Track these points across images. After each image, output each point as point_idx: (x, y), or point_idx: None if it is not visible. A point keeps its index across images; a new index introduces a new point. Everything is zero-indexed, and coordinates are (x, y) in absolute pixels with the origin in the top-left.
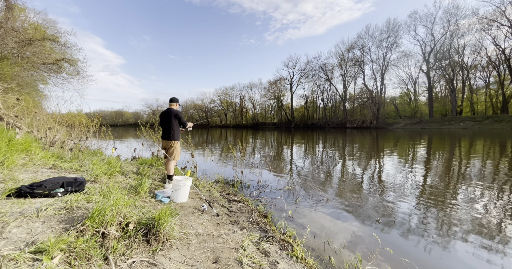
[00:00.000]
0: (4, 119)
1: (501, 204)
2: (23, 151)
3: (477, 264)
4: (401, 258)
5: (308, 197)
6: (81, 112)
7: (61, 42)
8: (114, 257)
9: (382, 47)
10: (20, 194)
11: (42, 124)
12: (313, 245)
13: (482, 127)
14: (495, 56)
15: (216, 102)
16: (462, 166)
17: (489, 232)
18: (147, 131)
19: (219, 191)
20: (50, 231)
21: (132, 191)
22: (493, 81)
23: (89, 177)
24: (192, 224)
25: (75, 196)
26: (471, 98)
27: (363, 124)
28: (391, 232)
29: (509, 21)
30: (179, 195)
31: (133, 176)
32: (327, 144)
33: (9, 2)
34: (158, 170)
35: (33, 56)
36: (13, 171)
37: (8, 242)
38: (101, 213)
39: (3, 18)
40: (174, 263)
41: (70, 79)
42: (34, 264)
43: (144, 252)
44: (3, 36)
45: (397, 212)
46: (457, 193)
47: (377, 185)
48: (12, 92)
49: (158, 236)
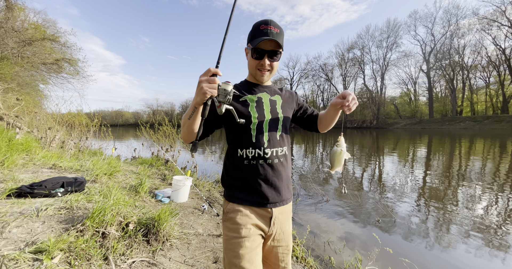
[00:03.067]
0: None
1: (501, 204)
2: (23, 151)
3: (477, 264)
4: (401, 258)
5: (308, 197)
6: (81, 112)
7: (61, 42)
8: (114, 257)
9: (382, 47)
10: (20, 194)
11: (42, 124)
12: (313, 245)
13: (482, 127)
14: (495, 56)
15: None
16: (462, 167)
17: (489, 232)
18: (147, 131)
19: (219, 191)
20: (50, 231)
21: (132, 191)
22: (493, 81)
23: (89, 177)
24: (192, 224)
25: (75, 196)
26: (471, 98)
27: (363, 124)
28: (391, 232)
29: (509, 21)
30: (179, 195)
31: (133, 176)
32: (327, 144)
33: (9, 2)
34: (158, 170)
35: (33, 56)
36: (13, 171)
37: (8, 242)
38: (101, 213)
39: (3, 18)
40: (174, 263)
41: (70, 79)
42: (34, 264)
43: (144, 252)
44: (3, 36)
45: (397, 212)
46: (457, 193)
47: (377, 185)
48: (12, 92)
49: (158, 236)
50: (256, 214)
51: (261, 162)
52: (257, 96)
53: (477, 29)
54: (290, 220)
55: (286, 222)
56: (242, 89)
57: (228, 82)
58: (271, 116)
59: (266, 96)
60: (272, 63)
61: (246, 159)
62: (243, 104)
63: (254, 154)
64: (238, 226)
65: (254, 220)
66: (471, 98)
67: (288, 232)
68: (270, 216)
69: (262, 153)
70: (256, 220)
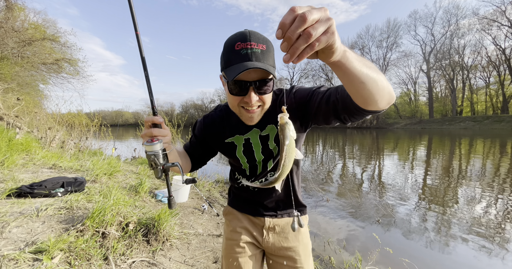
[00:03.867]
0: (4, 119)
1: (501, 204)
2: (23, 151)
3: (477, 263)
4: (401, 258)
5: (308, 197)
6: (81, 112)
7: (61, 42)
8: (114, 257)
9: (382, 47)
10: (20, 194)
11: (42, 124)
12: (313, 245)
13: (482, 127)
14: (495, 56)
15: (216, 102)
16: (462, 167)
17: (489, 232)
18: None
19: (219, 191)
20: (50, 231)
21: (132, 191)
22: (493, 81)
23: (89, 177)
24: (192, 224)
25: (75, 196)
26: (471, 98)
27: (363, 124)
28: (391, 232)
29: (509, 21)
30: (179, 195)
31: (133, 176)
32: (327, 144)
33: (9, 2)
34: None
35: (33, 56)
36: (13, 171)
37: (8, 242)
38: (101, 213)
39: (3, 18)
40: (174, 263)
41: (70, 79)
42: (34, 264)
43: (144, 252)
44: (3, 36)
45: (397, 212)
46: (457, 193)
47: (377, 185)
48: (12, 92)
49: (158, 236)
50: (248, 220)
51: (256, 189)
52: (244, 137)
53: (477, 29)
54: (300, 241)
55: (289, 240)
56: (226, 124)
57: (152, 140)
58: (263, 157)
59: (255, 135)
60: (262, 97)
61: (238, 184)
62: (229, 147)
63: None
64: (229, 228)
65: (245, 225)
66: (471, 98)
67: (297, 252)
68: (262, 225)
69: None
70: (247, 226)
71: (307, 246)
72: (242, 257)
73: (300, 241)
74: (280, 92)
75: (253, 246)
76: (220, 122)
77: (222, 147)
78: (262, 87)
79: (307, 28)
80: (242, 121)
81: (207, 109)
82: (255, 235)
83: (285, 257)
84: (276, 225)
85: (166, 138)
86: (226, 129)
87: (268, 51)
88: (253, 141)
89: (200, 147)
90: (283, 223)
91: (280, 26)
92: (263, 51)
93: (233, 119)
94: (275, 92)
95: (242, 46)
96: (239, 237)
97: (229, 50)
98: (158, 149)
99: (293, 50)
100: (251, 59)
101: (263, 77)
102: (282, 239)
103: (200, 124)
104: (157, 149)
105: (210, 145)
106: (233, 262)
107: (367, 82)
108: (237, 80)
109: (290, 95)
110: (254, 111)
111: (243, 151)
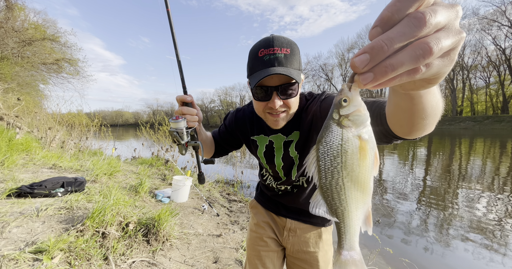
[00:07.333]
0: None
1: (501, 204)
2: (23, 151)
3: (477, 263)
4: (401, 258)
5: None
6: (81, 112)
7: (61, 42)
8: (114, 257)
9: None
10: (20, 194)
11: (42, 124)
12: None
13: (482, 127)
14: (495, 56)
15: (216, 102)
16: (462, 167)
17: (489, 233)
18: (147, 131)
19: (219, 191)
20: (50, 231)
21: (132, 191)
22: (493, 81)
23: (89, 177)
24: (192, 224)
25: (75, 196)
26: (471, 98)
27: None
28: (391, 232)
29: (509, 21)
30: (179, 195)
31: (133, 176)
32: None
33: (9, 2)
34: (158, 170)
35: (33, 56)
36: (13, 171)
37: (8, 242)
38: (101, 213)
39: (3, 18)
40: (174, 263)
41: (70, 79)
42: (34, 264)
43: (144, 252)
44: (3, 36)
45: (397, 212)
46: (457, 193)
47: (377, 185)
48: (13, 92)
49: (158, 236)
50: (271, 217)
51: (280, 192)
52: (269, 139)
53: (477, 29)
54: (321, 248)
55: (309, 245)
56: (255, 121)
57: (177, 118)
58: (283, 163)
59: (280, 140)
60: (287, 101)
61: (264, 181)
62: (253, 143)
63: (271, 183)
64: (253, 220)
65: (268, 220)
66: (471, 98)
67: (315, 257)
68: (284, 225)
69: (275, 186)
70: (270, 222)
71: (327, 252)
72: (264, 251)
73: (320, 248)
74: (311, 97)
75: (275, 242)
76: (250, 118)
77: (247, 142)
78: (286, 91)
79: (424, 38)
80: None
81: (207, 109)
82: (276, 233)
83: (303, 260)
84: (298, 228)
85: (194, 117)
86: (254, 126)
87: (292, 54)
88: (276, 145)
89: (227, 137)
90: (305, 227)
91: (377, 23)
92: (286, 55)
93: (260, 119)
94: (306, 97)
95: (265, 52)
96: (262, 232)
97: (253, 57)
98: (182, 126)
99: (382, 71)
100: (274, 65)
101: (286, 82)
102: (302, 242)
103: (232, 116)
104: (181, 127)
105: (237, 137)
106: (256, 254)
107: (429, 117)
108: (260, 86)
109: (317, 102)
110: (279, 115)
111: (264, 152)
